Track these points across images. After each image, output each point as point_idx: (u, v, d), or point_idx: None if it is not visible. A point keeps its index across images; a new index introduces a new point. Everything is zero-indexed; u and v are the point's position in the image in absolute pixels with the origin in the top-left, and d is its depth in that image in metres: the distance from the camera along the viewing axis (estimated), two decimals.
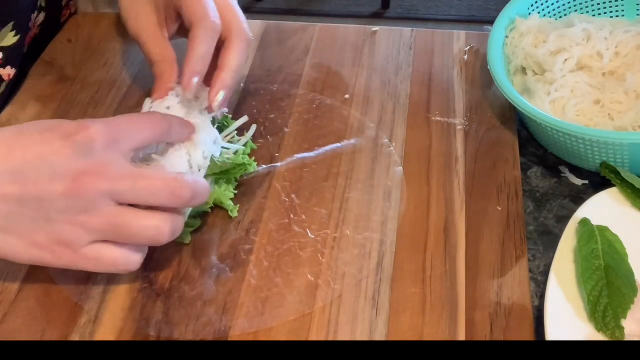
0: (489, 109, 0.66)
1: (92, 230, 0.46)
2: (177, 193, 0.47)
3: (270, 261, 0.53)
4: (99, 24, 0.78)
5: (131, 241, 0.47)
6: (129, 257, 0.47)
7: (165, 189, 0.47)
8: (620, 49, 0.63)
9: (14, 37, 0.67)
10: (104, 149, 0.46)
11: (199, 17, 0.56)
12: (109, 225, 0.46)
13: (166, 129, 0.50)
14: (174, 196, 0.47)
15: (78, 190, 0.44)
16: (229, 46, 0.58)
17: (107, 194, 0.45)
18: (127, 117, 0.50)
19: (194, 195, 0.48)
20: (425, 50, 0.73)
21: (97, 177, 0.45)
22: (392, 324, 0.49)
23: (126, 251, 0.47)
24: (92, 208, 0.45)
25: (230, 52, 0.58)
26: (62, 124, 0.46)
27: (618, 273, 0.48)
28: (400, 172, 0.60)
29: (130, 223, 0.46)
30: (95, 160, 0.45)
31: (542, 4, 0.68)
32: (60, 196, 0.45)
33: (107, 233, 0.46)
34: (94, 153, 0.45)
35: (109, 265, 0.47)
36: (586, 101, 0.61)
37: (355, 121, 0.65)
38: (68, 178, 0.44)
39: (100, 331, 0.49)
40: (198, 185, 0.48)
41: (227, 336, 0.49)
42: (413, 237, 0.55)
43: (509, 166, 0.60)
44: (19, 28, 0.67)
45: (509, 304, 0.50)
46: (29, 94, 0.69)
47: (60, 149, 0.45)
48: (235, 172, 0.56)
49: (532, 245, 0.55)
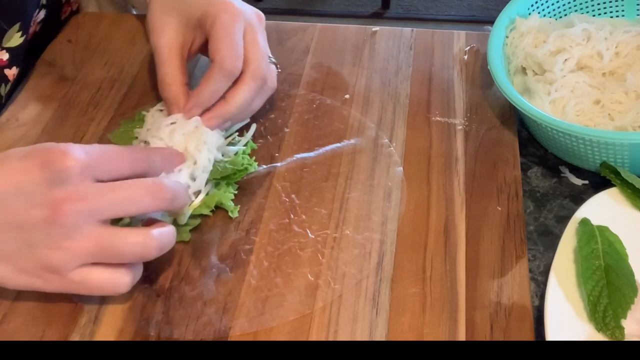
0: (489, 109, 0.66)
1: (78, 255, 0.45)
2: (158, 195, 0.47)
3: (270, 261, 0.53)
4: (99, 23, 0.78)
5: (118, 260, 0.47)
6: (117, 279, 0.47)
7: (145, 194, 0.47)
8: (620, 49, 0.63)
9: (20, 38, 0.67)
10: (80, 176, 0.46)
11: (221, 57, 0.56)
12: (94, 247, 0.45)
13: (144, 169, 0.51)
14: (155, 199, 0.47)
15: (57, 217, 0.44)
16: (240, 81, 0.58)
17: (87, 215, 0.45)
18: (109, 149, 0.50)
19: (175, 195, 0.49)
20: (425, 50, 0.73)
21: (75, 201, 0.45)
22: (392, 324, 0.49)
23: (114, 273, 0.47)
24: (75, 232, 0.45)
25: (238, 88, 0.58)
26: (42, 150, 0.46)
27: (618, 273, 0.48)
28: (400, 172, 0.60)
29: (115, 242, 0.46)
30: (72, 187, 0.45)
31: (542, 4, 0.68)
32: (41, 224, 0.45)
33: (93, 255, 0.46)
34: (71, 180, 0.45)
35: (97, 289, 0.47)
36: (586, 101, 0.61)
37: (355, 121, 0.65)
38: (46, 206, 0.44)
39: (100, 331, 0.49)
40: (177, 186, 0.50)
41: (227, 336, 0.49)
42: (413, 237, 0.55)
43: (509, 166, 0.60)
44: (24, 28, 0.68)
45: (509, 304, 0.50)
46: (29, 94, 0.69)
47: (38, 177, 0.45)
48: (235, 176, 0.57)
49: (532, 245, 0.55)
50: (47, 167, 0.45)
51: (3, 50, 0.67)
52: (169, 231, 0.49)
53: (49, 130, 0.65)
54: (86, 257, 0.46)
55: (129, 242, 0.46)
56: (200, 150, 0.55)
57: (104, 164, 0.48)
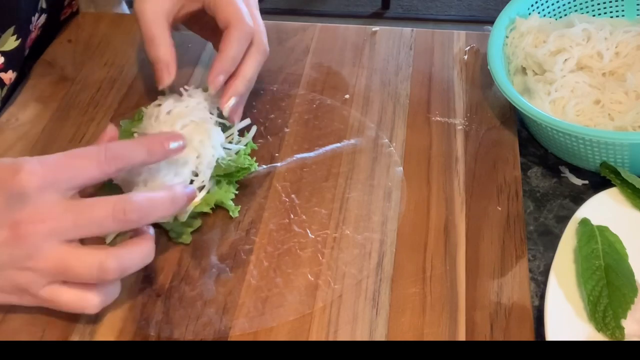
0: (489, 109, 0.66)
1: (42, 275, 0.45)
2: (120, 217, 0.45)
3: (270, 261, 0.53)
4: (99, 24, 0.78)
5: (77, 280, 0.45)
6: (85, 300, 0.46)
7: (107, 217, 0.44)
8: (620, 49, 0.63)
9: (15, 42, 0.67)
10: (39, 192, 0.44)
11: (236, 19, 0.56)
12: (54, 268, 0.44)
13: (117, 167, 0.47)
14: (118, 221, 0.45)
15: (18, 239, 0.43)
16: (247, 56, 0.58)
17: (48, 236, 0.44)
18: (71, 154, 0.46)
19: (143, 214, 0.46)
20: (425, 50, 0.73)
21: (34, 223, 0.43)
22: (392, 324, 0.49)
23: (81, 293, 0.46)
24: (37, 252, 0.44)
25: (246, 62, 0.58)
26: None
27: (618, 273, 0.48)
28: (400, 172, 0.60)
29: (70, 263, 0.44)
30: (31, 206, 0.44)
31: (542, 4, 0.68)
32: (3, 246, 0.44)
33: (54, 275, 0.45)
34: (28, 199, 0.44)
35: (65, 307, 0.46)
36: (586, 101, 0.61)
37: (355, 121, 0.65)
38: (6, 228, 0.43)
39: (100, 331, 0.49)
40: (146, 203, 0.46)
41: (227, 336, 0.49)
42: (413, 237, 0.55)
43: (509, 166, 0.60)
44: (19, 32, 0.67)
45: (509, 304, 0.50)
46: (29, 94, 0.69)
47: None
48: (238, 174, 0.57)
49: (532, 245, 0.55)
50: (2, 189, 0.43)
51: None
52: (140, 250, 0.47)
53: (49, 130, 0.65)
54: (49, 277, 0.45)
55: (84, 264, 0.44)
56: (204, 145, 0.55)
57: (65, 173, 0.45)
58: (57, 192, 0.44)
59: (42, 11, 0.72)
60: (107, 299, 0.47)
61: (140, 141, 0.50)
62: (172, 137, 0.50)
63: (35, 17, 0.70)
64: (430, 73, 0.70)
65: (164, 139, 0.50)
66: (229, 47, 0.56)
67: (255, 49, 0.59)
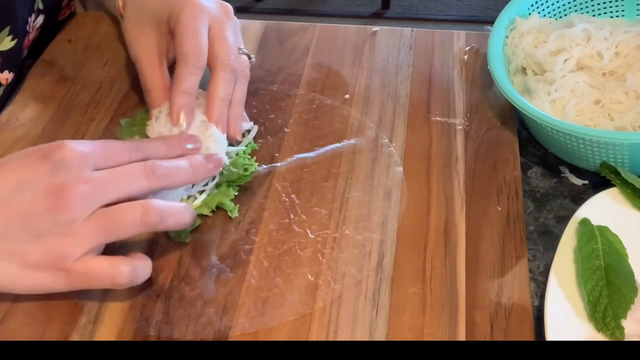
0: (489, 109, 0.66)
1: (83, 238, 0.47)
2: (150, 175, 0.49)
3: (270, 261, 0.53)
4: (99, 24, 0.78)
5: (120, 232, 0.48)
6: (116, 267, 0.48)
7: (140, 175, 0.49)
8: (620, 49, 0.63)
9: (11, 42, 0.67)
10: (80, 164, 0.48)
11: (183, 52, 0.57)
12: (95, 227, 0.47)
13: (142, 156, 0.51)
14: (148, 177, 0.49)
15: (62, 204, 0.46)
16: (212, 77, 0.58)
17: (90, 197, 0.47)
18: (104, 141, 0.52)
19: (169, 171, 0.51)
20: (425, 50, 0.73)
21: (78, 185, 0.47)
22: (392, 324, 0.49)
23: (113, 261, 0.48)
24: (80, 215, 0.46)
25: (212, 83, 0.58)
26: (39, 148, 0.49)
27: (618, 273, 0.48)
28: (400, 172, 0.60)
29: (114, 214, 0.47)
30: (73, 173, 0.47)
31: (542, 4, 0.68)
32: (46, 212, 0.46)
33: (97, 236, 0.47)
34: (71, 167, 0.47)
35: (97, 278, 0.48)
36: (586, 101, 0.61)
37: (355, 121, 0.65)
38: (50, 195, 0.46)
39: (100, 331, 0.49)
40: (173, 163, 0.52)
41: (227, 336, 0.49)
42: (413, 237, 0.55)
43: (509, 166, 0.60)
44: (15, 32, 0.67)
45: (509, 304, 0.50)
46: (29, 94, 0.69)
47: (39, 171, 0.47)
48: (240, 180, 0.57)
49: (532, 245, 0.55)
50: (46, 160, 0.47)
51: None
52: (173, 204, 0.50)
53: (49, 130, 0.65)
54: (91, 240, 0.47)
55: (127, 210, 0.48)
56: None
57: (102, 153, 0.49)
58: (94, 168, 0.48)
59: (39, 12, 0.72)
60: (137, 273, 0.48)
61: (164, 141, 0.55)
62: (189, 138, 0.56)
63: (31, 17, 0.70)
64: (430, 73, 0.70)
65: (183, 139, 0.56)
66: (176, 83, 0.57)
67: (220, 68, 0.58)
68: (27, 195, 0.46)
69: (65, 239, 0.46)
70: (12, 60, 0.68)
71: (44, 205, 0.46)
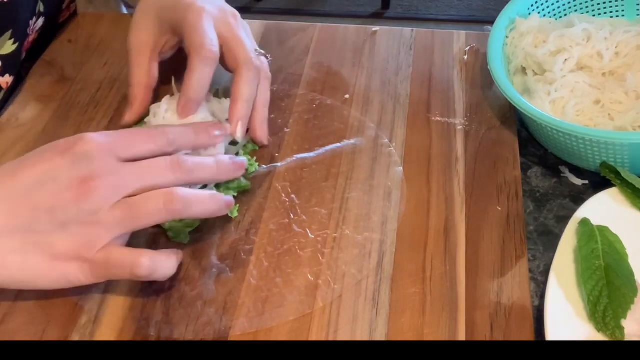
0: (489, 109, 0.66)
1: (108, 226, 0.47)
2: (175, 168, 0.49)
3: (270, 261, 0.53)
4: (99, 24, 0.78)
5: (146, 219, 0.48)
6: (137, 256, 0.48)
7: (166, 169, 0.49)
8: (620, 49, 0.63)
9: (12, 45, 0.67)
10: (102, 154, 0.48)
11: (196, 45, 0.56)
12: (120, 215, 0.47)
13: (165, 142, 0.51)
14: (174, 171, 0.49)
15: (87, 194, 0.46)
16: (236, 77, 0.58)
17: (115, 188, 0.47)
18: (125, 130, 0.53)
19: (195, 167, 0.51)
20: (425, 50, 0.73)
21: (102, 176, 0.47)
22: (392, 324, 0.49)
23: (134, 251, 0.48)
24: (104, 204, 0.47)
25: (238, 83, 0.58)
26: (60, 142, 0.49)
27: (618, 273, 0.48)
28: (400, 172, 0.60)
29: (138, 202, 0.48)
30: (96, 164, 0.47)
31: (542, 4, 0.68)
32: (72, 203, 0.46)
33: (121, 223, 0.47)
34: (93, 159, 0.47)
35: (116, 266, 0.48)
36: (586, 101, 0.61)
37: (355, 121, 0.65)
38: (74, 185, 0.47)
39: (100, 331, 0.49)
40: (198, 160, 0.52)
41: (227, 336, 0.49)
42: (413, 237, 0.55)
43: (509, 166, 0.60)
44: (17, 36, 0.67)
45: (509, 304, 0.50)
46: (29, 94, 0.69)
47: (61, 162, 0.47)
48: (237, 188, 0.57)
49: (532, 245, 0.55)
50: (68, 153, 0.47)
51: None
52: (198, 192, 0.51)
53: (49, 130, 0.65)
54: (115, 228, 0.47)
55: (150, 197, 0.48)
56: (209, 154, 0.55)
57: (123, 141, 0.49)
58: (117, 158, 0.48)
59: (39, 15, 0.72)
60: (157, 267, 0.48)
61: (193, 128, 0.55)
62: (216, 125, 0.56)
63: (32, 20, 0.70)
64: (430, 73, 0.70)
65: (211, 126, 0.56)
66: (189, 75, 0.56)
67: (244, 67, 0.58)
68: (50, 188, 0.47)
69: (90, 227, 0.47)
70: (12, 64, 0.68)
71: (68, 196, 0.46)
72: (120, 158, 0.49)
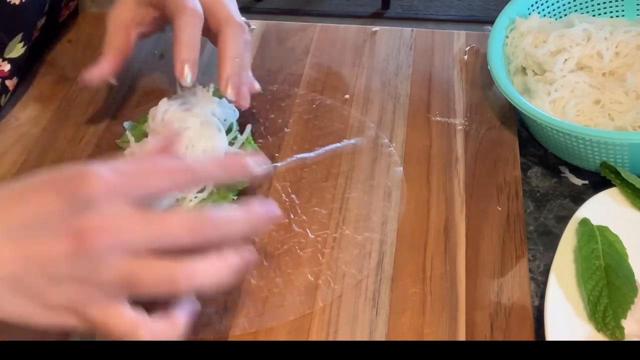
0: (489, 109, 0.66)
1: (102, 288, 0.41)
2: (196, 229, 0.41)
3: (270, 261, 0.53)
4: (99, 24, 0.77)
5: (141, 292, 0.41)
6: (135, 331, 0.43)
7: (182, 228, 0.41)
8: (620, 49, 0.63)
9: (22, 48, 0.67)
10: (107, 200, 0.40)
11: (179, 8, 0.56)
12: (117, 281, 0.41)
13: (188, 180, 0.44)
14: (193, 233, 0.41)
15: (81, 251, 0.40)
16: (221, 36, 0.58)
17: (115, 248, 0.40)
18: (143, 162, 0.44)
19: (216, 225, 0.42)
20: (425, 50, 0.73)
21: (100, 233, 0.40)
22: (392, 324, 0.49)
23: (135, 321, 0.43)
24: (101, 265, 0.40)
25: (223, 41, 0.57)
26: (59, 175, 0.41)
27: (618, 273, 0.48)
28: (400, 172, 0.60)
29: (138, 273, 0.41)
30: (97, 214, 0.40)
31: (542, 4, 0.68)
32: (64, 257, 0.40)
33: (116, 289, 0.41)
34: (95, 206, 0.40)
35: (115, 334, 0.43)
36: (586, 101, 0.61)
37: (355, 121, 0.65)
38: (69, 238, 0.40)
39: None
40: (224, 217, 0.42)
41: (227, 336, 0.49)
42: (413, 237, 0.55)
43: (509, 166, 0.60)
44: (26, 38, 0.67)
45: (509, 304, 0.50)
46: (29, 94, 0.69)
47: (56, 205, 0.40)
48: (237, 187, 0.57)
49: (532, 245, 0.55)
50: (67, 194, 0.40)
51: (5, 61, 0.66)
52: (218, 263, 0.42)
53: (49, 130, 0.65)
54: (110, 292, 0.41)
55: (152, 273, 0.41)
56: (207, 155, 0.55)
57: (136, 179, 0.41)
58: (126, 202, 0.41)
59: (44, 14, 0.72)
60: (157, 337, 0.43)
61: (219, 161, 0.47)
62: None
63: (40, 21, 0.70)
64: (430, 73, 0.70)
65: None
66: (179, 35, 0.56)
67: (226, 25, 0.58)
68: (43, 234, 0.40)
69: (85, 286, 0.41)
70: (20, 67, 0.68)
71: (61, 249, 0.40)
72: (131, 200, 0.41)
